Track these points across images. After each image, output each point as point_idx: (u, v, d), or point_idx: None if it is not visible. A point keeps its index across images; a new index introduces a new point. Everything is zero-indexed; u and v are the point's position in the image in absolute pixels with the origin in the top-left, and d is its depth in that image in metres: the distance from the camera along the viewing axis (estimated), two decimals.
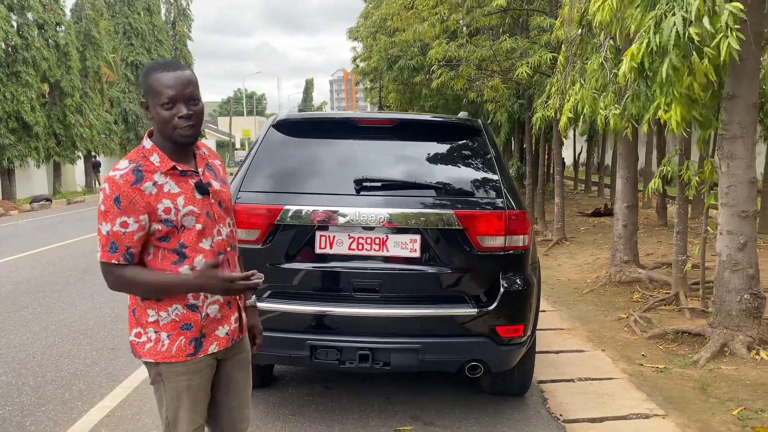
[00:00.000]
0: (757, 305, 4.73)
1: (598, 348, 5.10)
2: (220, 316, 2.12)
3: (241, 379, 2.30)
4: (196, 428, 2.15)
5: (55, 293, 7.33)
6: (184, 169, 2.05)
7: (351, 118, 3.83)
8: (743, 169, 4.69)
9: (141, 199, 1.95)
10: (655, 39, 4.17)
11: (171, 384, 2.08)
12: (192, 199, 2.04)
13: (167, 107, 1.97)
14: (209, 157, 2.22)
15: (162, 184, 1.99)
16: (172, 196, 2.00)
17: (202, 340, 2.09)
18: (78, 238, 12.22)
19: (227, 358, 2.22)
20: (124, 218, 1.94)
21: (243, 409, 2.32)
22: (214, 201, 2.12)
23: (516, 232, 3.40)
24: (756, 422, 3.62)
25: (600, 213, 13.46)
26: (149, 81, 1.99)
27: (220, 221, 2.13)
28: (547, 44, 9.17)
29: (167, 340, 2.05)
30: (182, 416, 2.11)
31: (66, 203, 22.65)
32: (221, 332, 2.13)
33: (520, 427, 3.69)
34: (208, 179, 2.13)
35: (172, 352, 2.05)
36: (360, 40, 19.33)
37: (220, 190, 2.16)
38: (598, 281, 7.42)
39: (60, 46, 22.90)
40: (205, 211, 2.07)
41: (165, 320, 2.05)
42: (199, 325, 2.07)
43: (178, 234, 2.02)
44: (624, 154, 7.61)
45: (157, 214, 1.97)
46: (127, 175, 1.95)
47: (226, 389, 2.26)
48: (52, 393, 4.28)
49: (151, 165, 2.00)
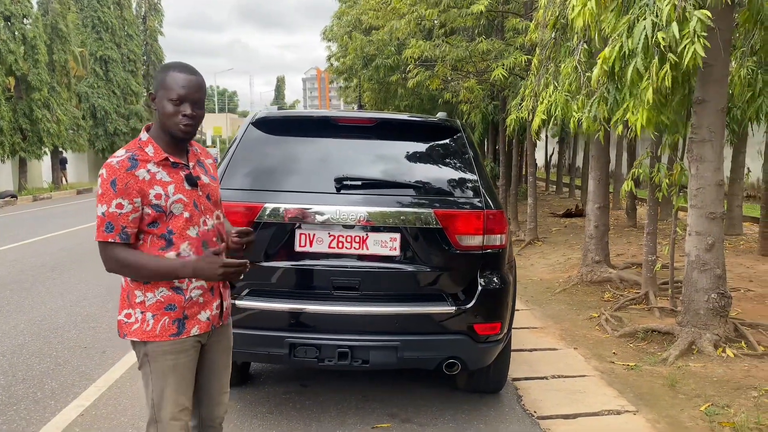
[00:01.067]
0: (724, 304, 4.87)
1: (571, 346, 5.19)
2: (202, 301, 2.27)
3: (222, 364, 2.45)
4: (181, 410, 2.25)
5: (24, 291, 7.18)
6: (175, 161, 2.23)
7: (331, 116, 3.84)
8: (712, 171, 4.83)
9: (135, 183, 2.12)
10: (628, 43, 4.27)
11: (157, 364, 2.21)
12: (181, 189, 2.22)
13: (175, 103, 2.16)
14: (201, 154, 2.40)
15: (155, 172, 2.17)
16: (164, 184, 2.18)
17: (185, 322, 2.23)
18: (46, 236, 11.97)
19: (209, 343, 2.37)
20: (119, 200, 2.10)
21: (222, 394, 2.47)
22: (202, 193, 2.29)
23: (494, 231, 3.45)
24: (722, 417, 3.74)
25: (571, 214, 13.67)
26: (166, 76, 2.17)
27: (207, 212, 2.30)
28: (522, 46, 9.28)
29: (152, 320, 2.19)
30: (168, 396, 2.22)
31: (32, 200, 22.14)
32: (203, 316, 2.28)
33: (496, 423, 3.75)
34: (198, 173, 2.31)
35: (156, 332, 2.19)
36: (334, 41, 19.29)
37: (208, 184, 2.34)
38: (570, 281, 7.54)
39: (27, 39, 22.38)
40: (192, 201, 2.24)
41: (150, 301, 2.20)
42: (182, 306, 2.22)
43: (166, 220, 2.18)
44: (596, 156, 7.75)
45: (148, 199, 2.14)
46: (123, 162, 2.13)
47: (207, 373, 2.40)
48: (24, 392, 4.20)
49: (146, 155, 2.18)
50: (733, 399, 3.99)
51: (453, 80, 11.06)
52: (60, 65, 25.13)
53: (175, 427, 2.24)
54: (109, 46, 31.48)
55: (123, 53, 32.65)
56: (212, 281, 2.24)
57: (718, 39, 4.40)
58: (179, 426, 2.25)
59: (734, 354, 4.69)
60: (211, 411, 2.44)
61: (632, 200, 12.14)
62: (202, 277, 2.16)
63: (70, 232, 12.65)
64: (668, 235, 7.09)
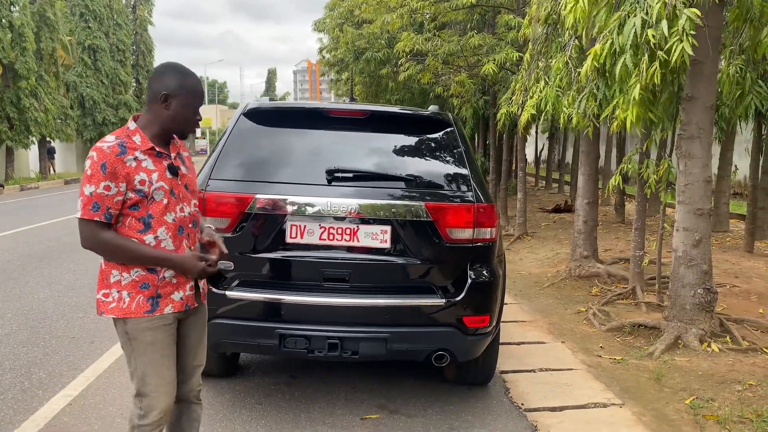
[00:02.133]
0: (710, 300, 4.93)
1: (558, 340, 5.23)
2: (175, 282, 2.40)
3: (195, 339, 2.60)
4: (164, 383, 2.40)
5: (11, 281, 7.13)
6: (161, 150, 2.40)
7: (323, 108, 3.84)
8: (700, 168, 4.87)
9: (122, 168, 2.27)
10: (618, 40, 4.30)
11: (138, 341, 2.36)
12: (163, 177, 2.37)
13: (195, 110, 2.41)
14: (180, 147, 2.57)
15: (141, 160, 2.33)
16: (148, 171, 2.33)
17: (158, 300, 2.37)
18: (33, 225, 11.88)
19: (184, 319, 2.52)
20: (107, 182, 2.24)
21: (195, 368, 2.63)
22: (181, 182, 2.46)
23: (484, 224, 3.47)
24: (707, 411, 3.79)
25: (560, 209, 13.73)
26: (185, 83, 2.38)
27: (184, 200, 2.46)
28: (514, 42, 9.30)
29: (128, 298, 2.33)
30: (150, 371, 2.37)
31: (19, 189, 21.94)
32: (176, 296, 2.42)
33: (484, 415, 3.78)
34: (178, 164, 2.48)
35: (132, 308, 2.33)
36: (326, 32, 19.23)
37: (187, 174, 2.52)
38: (558, 275, 7.59)
39: (14, 26, 22.09)
40: (171, 188, 2.40)
41: (126, 280, 2.34)
42: (155, 285, 2.36)
43: (147, 204, 2.33)
44: (586, 152, 7.79)
45: (133, 184, 2.29)
46: (113, 147, 2.28)
47: (181, 348, 2.54)
48: (11, 381, 4.18)
49: (134, 143, 2.34)
50: (718, 393, 4.04)
51: (444, 74, 11.06)
52: (48, 54, 24.81)
53: (159, 399, 2.39)
54: (97, 35, 31.15)
55: (112, 42, 32.30)
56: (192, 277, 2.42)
57: (707, 37, 4.44)
58: (163, 398, 2.40)
59: (719, 349, 4.74)
60: (185, 384, 2.59)
61: (621, 196, 12.22)
62: (181, 272, 2.37)
63: (58, 222, 12.56)
64: (656, 231, 7.15)
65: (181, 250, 2.42)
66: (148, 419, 2.39)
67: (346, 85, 19.80)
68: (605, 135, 14.55)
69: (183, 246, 2.43)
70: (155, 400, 2.38)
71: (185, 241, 2.44)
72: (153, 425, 2.39)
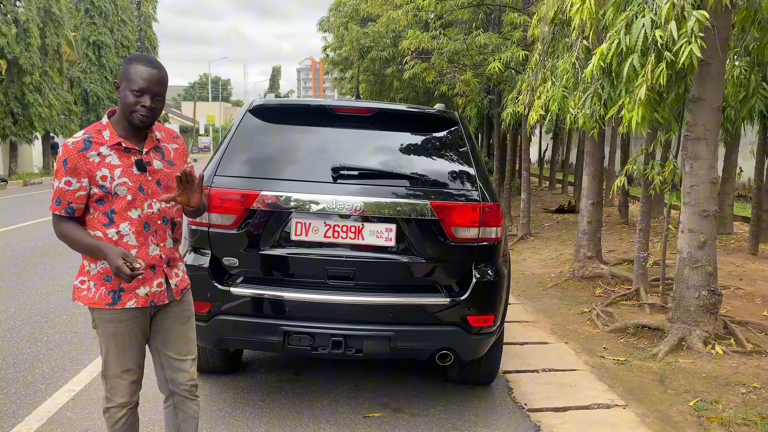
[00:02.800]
0: (714, 302, 4.91)
1: (562, 340, 5.22)
2: (141, 277, 2.38)
3: (176, 331, 2.60)
4: (124, 371, 2.47)
5: (14, 276, 7.14)
6: (128, 146, 2.38)
7: (329, 105, 3.83)
8: (706, 169, 4.85)
9: (84, 164, 2.31)
10: (626, 40, 4.28)
11: (102, 329, 2.45)
12: (128, 173, 2.37)
13: (136, 94, 2.31)
14: (163, 140, 2.52)
15: (105, 155, 2.34)
16: (111, 167, 2.34)
17: (121, 294, 2.41)
18: (36, 221, 11.90)
19: (161, 315, 2.55)
20: (68, 178, 2.31)
21: (181, 361, 2.62)
22: (152, 179, 2.43)
23: (489, 224, 3.46)
24: (710, 413, 3.78)
25: (564, 210, 13.70)
26: (129, 68, 2.33)
27: (153, 196, 2.43)
28: (520, 41, 9.28)
29: (93, 288, 2.41)
30: (111, 359, 2.46)
31: (23, 184, 22.00)
32: (141, 291, 2.44)
33: (487, 415, 3.77)
34: (151, 159, 2.44)
35: (95, 299, 2.40)
36: (330, 31, 19.23)
37: (161, 169, 2.46)
38: (562, 276, 7.58)
39: (19, 21, 22.13)
40: (138, 185, 2.39)
41: (93, 271, 2.41)
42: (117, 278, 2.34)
43: (111, 200, 2.36)
44: (591, 152, 7.77)
45: (95, 180, 2.32)
46: (77, 144, 2.33)
47: (163, 341, 2.59)
48: (14, 376, 4.19)
49: (102, 138, 2.36)
50: (722, 395, 4.03)
51: (449, 73, 11.04)
52: (52, 49, 24.86)
53: (119, 384, 2.48)
54: (102, 31, 31.22)
55: (116, 39, 32.36)
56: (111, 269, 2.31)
57: (715, 38, 4.42)
58: (123, 384, 2.48)
59: (723, 351, 4.73)
60: (175, 376, 2.63)
61: (625, 197, 12.19)
62: (108, 263, 2.29)
63: None
64: (660, 232, 7.14)
65: (146, 246, 2.42)
66: (113, 402, 2.50)
67: (350, 84, 19.79)
68: (609, 136, 14.52)
69: (148, 242, 2.43)
70: (116, 385, 2.48)
71: (151, 238, 2.43)
72: (118, 408, 2.49)
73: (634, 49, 4.20)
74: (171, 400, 2.67)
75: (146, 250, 2.42)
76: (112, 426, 2.52)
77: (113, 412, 2.50)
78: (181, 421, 2.69)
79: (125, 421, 2.52)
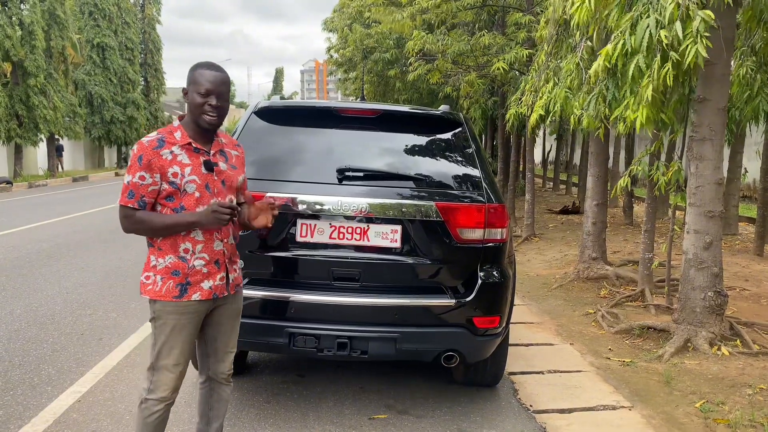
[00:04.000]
0: (720, 303, 4.89)
1: (567, 342, 5.21)
2: (206, 271, 2.58)
3: (226, 325, 2.76)
4: (175, 364, 2.58)
5: (20, 278, 7.16)
6: (198, 147, 2.56)
7: (334, 107, 3.83)
8: (711, 170, 4.84)
9: (157, 161, 2.46)
10: (630, 40, 4.27)
11: (162, 321, 2.55)
12: (197, 172, 2.53)
13: (203, 96, 2.49)
14: (226, 145, 2.71)
15: (177, 154, 2.51)
16: (182, 165, 2.50)
17: (187, 287, 2.55)
18: (42, 222, 11.93)
19: (217, 308, 2.69)
20: (142, 173, 2.45)
21: (227, 353, 2.80)
22: (217, 178, 2.60)
23: (495, 225, 3.45)
24: (717, 414, 3.76)
25: (568, 211, 13.69)
26: (195, 73, 2.52)
27: (218, 195, 2.59)
28: (524, 41, 9.27)
29: (160, 282, 2.54)
30: (165, 350, 2.56)
31: (27, 186, 22.06)
32: (206, 285, 2.59)
33: (492, 416, 3.77)
34: (217, 160, 2.62)
35: (162, 292, 2.53)
36: (335, 31, 19.24)
37: (225, 171, 2.64)
38: (567, 277, 7.56)
39: (24, 24, 22.20)
40: (205, 183, 2.55)
41: (161, 266, 2.54)
42: (185, 273, 2.54)
43: (180, 196, 2.51)
44: (595, 153, 7.76)
45: (167, 176, 2.48)
46: (152, 142, 2.49)
47: (215, 333, 2.74)
48: (20, 377, 4.20)
49: (173, 139, 2.53)
50: (728, 396, 4.01)
51: (453, 74, 11.04)
52: (57, 51, 24.94)
53: (167, 377, 2.58)
54: (106, 33, 31.29)
55: (120, 41, 32.43)
56: (210, 226, 2.53)
57: (720, 38, 4.40)
58: (170, 377, 2.58)
59: (729, 352, 4.71)
60: (217, 366, 2.80)
61: (629, 198, 12.17)
62: (201, 222, 2.48)
63: (66, 219, 12.61)
64: (665, 233, 7.11)
65: (211, 242, 2.58)
66: (155, 395, 2.58)
67: (354, 85, 19.80)
68: (614, 137, 14.49)
69: (213, 238, 2.59)
70: (164, 377, 2.58)
71: (216, 234, 2.59)
72: (159, 401, 2.58)
73: (639, 49, 4.19)
74: (208, 383, 2.84)
75: (211, 246, 2.58)
76: (145, 418, 2.59)
77: (150, 404, 2.58)
78: (215, 402, 2.86)
79: (159, 416, 2.60)
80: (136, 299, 6.16)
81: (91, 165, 34.17)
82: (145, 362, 4.44)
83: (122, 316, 5.58)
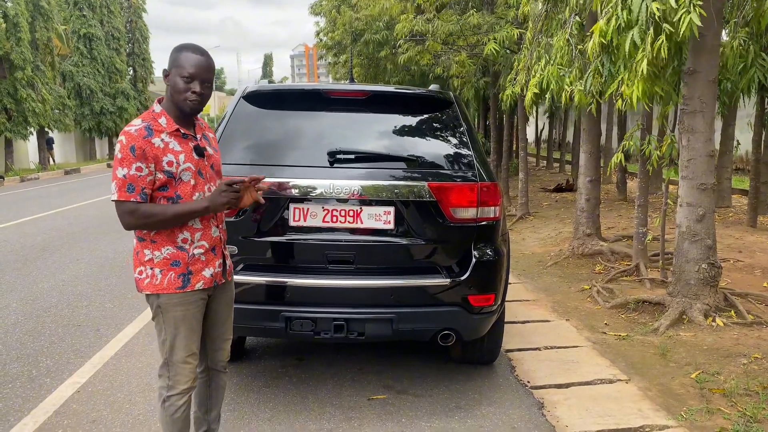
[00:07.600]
0: (714, 274, 4.92)
1: (563, 318, 5.24)
2: (204, 259, 2.54)
3: (222, 313, 2.75)
4: (190, 355, 2.55)
5: (15, 271, 7.13)
6: (185, 132, 2.48)
7: (323, 89, 3.80)
8: (702, 143, 4.84)
9: (150, 150, 2.36)
10: (623, 15, 4.24)
11: (169, 314, 2.49)
12: (190, 158, 2.47)
13: (186, 80, 2.40)
14: (205, 128, 2.65)
15: (167, 141, 2.41)
16: (175, 153, 2.42)
17: (189, 277, 2.50)
18: (35, 216, 11.87)
19: (214, 296, 2.66)
20: (138, 164, 2.34)
21: (224, 341, 2.80)
22: (207, 163, 2.56)
23: (487, 203, 3.45)
24: (712, 384, 3.80)
25: (561, 188, 13.71)
26: (179, 55, 2.42)
27: (210, 180, 2.57)
28: (514, 20, 9.21)
29: (160, 275, 2.46)
30: (178, 343, 2.52)
31: (19, 180, 21.91)
32: (207, 273, 2.55)
33: (490, 393, 3.79)
34: (204, 145, 2.57)
35: (164, 285, 2.46)
36: (323, 15, 19.07)
37: (213, 155, 2.61)
38: (562, 254, 7.59)
39: (9, 16, 21.92)
40: (198, 169, 2.50)
41: (158, 258, 2.46)
42: (186, 262, 2.48)
43: (175, 185, 2.43)
44: (587, 129, 7.75)
45: (161, 165, 2.38)
46: (140, 131, 2.37)
47: (211, 322, 2.70)
48: (19, 370, 4.20)
49: (160, 126, 2.42)
50: (723, 366, 4.05)
51: (444, 55, 10.97)
52: (43, 43, 24.62)
53: (185, 369, 2.55)
54: (92, 23, 30.91)
55: (107, 30, 32.06)
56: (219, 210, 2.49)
57: (711, 8, 4.38)
58: (188, 369, 2.56)
59: (724, 323, 4.75)
60: (215, 355, 2.80)
61: (623, 174, 12.18)
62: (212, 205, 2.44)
63: (59, 212, 12.56)
64: (659, 208, 7.13)
65: (208, 228, 2.55)
66: (176, 389, 2.55)
67: (344, 68, 19.67)
68: (606, 113, 14.47)
69: (210, 224, 2.55)
70: (182, 370, 2.54)
71: (212, 220, 2.56)
72: (181, 394, 2.55)
73: (635, 22, 4.14)
74: (205, 373, 2.82)
75: (209, 232, 2.55)
76: (171, 415, 2.56)
77: (174, 400, 2.55)
78: (213, 390, 2.87)
79: (185, 409, 2.58)
80: (131, 290, 6.15)
81: (82, 157, 33.95)
82: (143, 351, 4.49)
83: (118, 307, 5.58)
